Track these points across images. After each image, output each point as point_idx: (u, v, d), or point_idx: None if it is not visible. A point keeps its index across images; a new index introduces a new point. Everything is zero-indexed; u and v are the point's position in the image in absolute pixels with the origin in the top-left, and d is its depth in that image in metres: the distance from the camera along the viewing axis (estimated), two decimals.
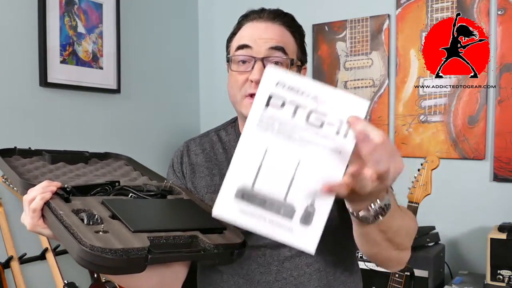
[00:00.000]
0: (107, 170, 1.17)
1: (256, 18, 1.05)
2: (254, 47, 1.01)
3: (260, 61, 1.00)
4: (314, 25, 2.71)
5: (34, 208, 0.88)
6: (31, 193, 0.89)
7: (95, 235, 0.77)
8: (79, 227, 0.79)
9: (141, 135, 2.73)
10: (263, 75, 0.74)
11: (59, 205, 0.86)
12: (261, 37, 1.01)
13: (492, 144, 2.26)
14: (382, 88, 2.53)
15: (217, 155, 1.15)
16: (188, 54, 3.08)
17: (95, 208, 0.88)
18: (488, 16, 2.25)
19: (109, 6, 2.50)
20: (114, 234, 0.79)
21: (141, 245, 0.76)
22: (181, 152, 1.19)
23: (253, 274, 1.05)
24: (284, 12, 1.08)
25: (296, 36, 1.07)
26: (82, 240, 0.75)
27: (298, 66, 1.07)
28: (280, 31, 1.04)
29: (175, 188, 1.08)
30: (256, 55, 1.01)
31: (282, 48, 1.01)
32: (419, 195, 1.84)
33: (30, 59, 2.17)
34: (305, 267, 1.04)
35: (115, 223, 0.83)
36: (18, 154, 1.14)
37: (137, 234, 0.80)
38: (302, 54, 1.08)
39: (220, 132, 1.19)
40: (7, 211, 1.97)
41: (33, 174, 1.04)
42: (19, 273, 1.92)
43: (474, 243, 2.30)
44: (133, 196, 0.98)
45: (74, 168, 1.13)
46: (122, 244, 0.75)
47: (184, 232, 0.86)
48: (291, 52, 1.04)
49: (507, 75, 2.22)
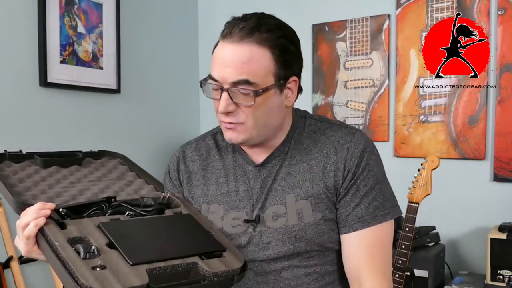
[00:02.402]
0: (101, 173, 1.14)
1: (226, 37, 0.97)
2: (219, 80, 0.97)
3: (226, 92, 0.96)
4: (314, 25, 2.71)
5: (28, 235, 0.86)
6: (24, 218, 0.87)
7: (92, 273, 0.75)
8: (75, 263, 0.77)
9: (141, 135, 2.73)
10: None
11: (54, 234, 0.84)
12: (226, 66, 0.95)
13: (492, 144, 2.26)
14: (382, 88, 2.53)
15: (213, 162, 1.13)
16: (188, 54, 3.08)
17: (92, 234, 0.86)
18: (488, 16, 2.25)
19: (109, 6, 2.50)
20: (112, 269, 0.77)
21: (140, 283, 0.75)
22: (178, 158, 1.17)
23: (250, 284, 1.03)
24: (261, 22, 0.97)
25: (274, 52, 0.96)
26: (79, 280, 0.73)
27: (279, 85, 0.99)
28: (248, 54, 0.95)
29: (173, 199, 1.06)
30: (222, 85, 0.97)
31: (246, 80, 0.94)
32: (419, 195, 1.84)
33: (30, 59, 2.17)
34: (303, 277, 1.03)
35: (113, 255, 0.81)
36: (8, 159, 1.11)
37: (136, 267, 0.78)
38: (284, 69, 0.99)
39: (216, 135, 1.17)
40: (7, 211, 1.97)
41: (25, 185, 1.01)
42: (19, 273, 1.92)
43: (474, 243, 2.30)
44: (130, 214, 0.96)
45: (67, 173, 1.10)
46: (120, 284, 0.74)
47: (183, 259, 0.84)
48: (261, 76, 0.95)
49: (507, 75, 2.22)
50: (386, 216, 1.03)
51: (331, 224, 1.03)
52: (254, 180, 1.07)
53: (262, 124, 1.00)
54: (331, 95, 2.68)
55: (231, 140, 1.02)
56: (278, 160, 1.07)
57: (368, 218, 1.01)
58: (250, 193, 1.06)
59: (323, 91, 2.71)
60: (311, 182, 1.03)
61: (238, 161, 1.10)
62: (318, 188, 1.02)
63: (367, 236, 1.02)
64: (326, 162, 1.03)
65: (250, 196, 1.06)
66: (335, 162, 1.03)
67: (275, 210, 1.03)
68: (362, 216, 1.02)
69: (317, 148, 1.05)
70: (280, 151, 1.07)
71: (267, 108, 0.99)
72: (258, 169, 1.07)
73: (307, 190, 1.02)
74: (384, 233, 1.04)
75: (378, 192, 1.03)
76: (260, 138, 1.03)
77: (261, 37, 0.95)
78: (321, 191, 1.02)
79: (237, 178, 1.08)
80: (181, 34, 3.03)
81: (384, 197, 1.04)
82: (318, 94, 2.72)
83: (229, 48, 0.96)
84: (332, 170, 1.03)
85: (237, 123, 0.99)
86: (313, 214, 1.02)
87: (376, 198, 1.03)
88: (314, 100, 2.72)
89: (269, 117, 1.01)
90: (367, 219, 1.01)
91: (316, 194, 1.02)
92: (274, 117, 1.02)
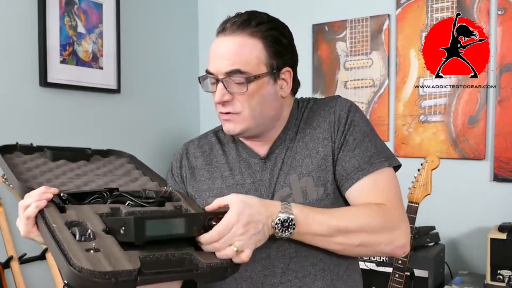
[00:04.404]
0: (108, 169, 1.16)
1: (220, 32, 1.04)
2: (214, 72, 1.03)
3: (221, 82, 1.02)
4: (314, 25, 2.71)
5: (28, 216, 0.88)
6: (26, 200, 0.89)
7: (85, 255, 0.76)
8: (70, 244, 0.78)
9: (141, 135, 2.73)
10: None
11: (53, 216, 0.85)
12: (220, 58, 1.02)
13: (492, 144, 2.26)
14: (382, 88, 2.53)
15: (216, 157, 1.15)
16: (188, 54, 3.08)
17: (90, 220, 0.87)
18: (488, 16, 2.25)
19: (109, 6, 2.50)
20: (105, 253, 0.78)
21: (132, 267, 0.75)
22: (180, 155, 1.19)
23: (257, 277, 1.04)
24: (252, 16, 1.03)
25: (265, 42, 1.02)
26: (71, 261, 0.74)
27: (272, 74, 1.03)
28: (240, 45, 1.00)
29: (174, 193, 1.07)
30: (217, 77, 1.02)
31: (238, 70, 1.00)
32: (419, 195, 1.84)
33: (30, 59, 2.17)
34: (310, 267, 1.04)
35: (108, 239, 0.82)
36: (19, 150, 1.14)
37: (129, 252, 0.79)
38: (277, 58, 1.04)
39: (218, 133, 1.19)
40: (7, 211, 1.97)
41: (33, 174, 1.03)
42: (19, 273, 1.92)
43: (474, 243, 2.30)
44: (130, 204, 0.96)
45: (75, 167, 1.12)
46: (111, 266, 0.74)
47: (178, 249, 0.85)
48: (253, 65, 1.01)
49: (507, 75, 2.22)
50: (383, 163, 1.04)
51: (333, 199, 1.05)
52: (261, 173, 1.09)
53: (258, 113, 1.04)
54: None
55: (230, 131, 1.06)
56: (281, 149, 1.09)
57: (366, 166, 1.03)
58: (257, 185, 1.08)
59: (323, 91, 2.71)
60: (310, 157, 1.06)
61: (242, 155, 1.12)
62: (317, 160, 1.05)
63: (370, 182, 1.02)
64: (319, 132, 1.07)
65: (257, 188, 1.08)
66: (326, 130, 1.07)
67: (281, 194, 1.05)
68: (359, 165, 1.03)
69: (307, 125, 1.10)
70: (282, 139, 1.10)
71: (261, 97, 1.03)
72: (263, 161, 1.10)
73: (308, 166, 1.05)
74: (386, 177, 1.04)
75: (369, 144, 1.05)
76: (258, 129, 1.06)
77: (252, 29, 1.02)
78: (320, 163, 1.05)
79: (242, 171, 1.10)
80: (181, 34, 3.03)
81: (377, 148, 1.06)
82: (318, 94, 2.72)
83: (222, 42, 1.03)
84: (325, 138, 1.06)
85: (234, 113, 1.03)
86: (316, 189, 1.04)
87: (369, 149, 1.05)
88: None
89: (264, 107, 1.04)
90: (365, 167, 1.03)
91: (316, 168, 1.05)
92: (270, 107, 1.06)
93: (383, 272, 2.04)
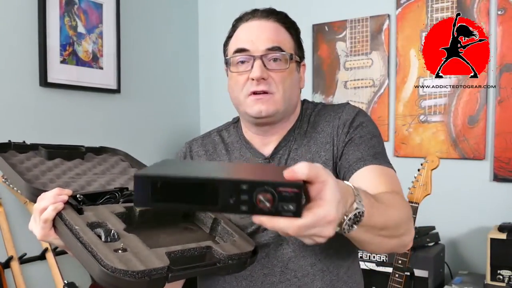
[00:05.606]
0: (105, 168, 1.16)
1: (250, 18, 1.06)
2: (251, 49, 1.02)
3: (259, 59, 1.01)
4: (314, 25, 2.71)
5: (46, 219, 0.86)
6: (42, 202, 0.87)
7: (116, 255, 0.77)
8: (97, 245, 0.78)
9: (141, 135, 2.73)
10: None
11: (73, 218, 0.85)
12: (257, 37, 1.03)
13: (492, 144, 2.26)
14: (382, 88, 2.53)
15: (220, 157, 1.15)
16: (188, 54, 3.08)
17: (109, 220, 0.88)
18: (488, 16, 2.25)
19: (109, 6, 2.50)
20: (133, 252, 0.79)
21: (162, 265, 0.77)
22: (184, 153, 1.19)
23: (257, 276, 1.05)
24: (277, 10, 1.08)
25: (292, 32, 1.07)
26: (103, 261, 0.75)
27: (297, 62, 1.08)
28: (275, 28, 1.05)
29: None
30: (254, 54, 1.02)
31: (279, 47, 1.03)
32: (419, 195, 1.84)
33: (30, 59, 2.17)
34: (308, 268, 1.04)
35: (132, 238, 0.83)
36: (13, 149, 1.12)
37: (155, 250, 0.80)
38: (299, 50, 1.09)
39: (222, 132, 1.19)
40: (7, 211, 1.97)
41: (34, 174, 1.03)
42: (19, 273, 1.92)
43: (474, 243, 2.30)
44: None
45: (72, 165, 1.12)
46: (143, 265, 0.75)
47: (198, 243, 0.87)
48: (288, 48, 1.05)
49: (507, 75, 2.22)
50: (387, 164, 1.01)
51: None
52: None
53: (288, 97, 1.05)
54: (331, 95, 2.68)
55: (261, 111, 1.03)
56: (285, 150, 1.10)
57: (369, 158, 1.00)
58: None
59: (323, 91, 2.71)
60: (312, 161, 1.04)
61: (246, 155, 1.12)
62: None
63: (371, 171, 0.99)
64: (322, 136, 1.07)
65: None
66: (329, 134, 1.06)
67: None
68: (362, 156, 1.00)
69: (313, 129, 1.10)
70: (286, 140, 1.10)
71: (292, 81, 1.06)
72: (267, 161, 1.10)
73: None
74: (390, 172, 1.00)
75: (376, 143, 1.03)
76: (282, 115, 1.07)
77: (281, 19, 1.07)
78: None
79: None
80: (181, 34, 3.03)
81: (383, 151, 1.04)
82: (318, 94, 2.72)
83: (256, 23, 1.05)
84: (327, 142, 1.06)
85: (270, 93, 1.03)
86: None
87: (375, 146, 1.02)
88: (314, 100, 2.72)
89: (292, 92, 1.06)
90: (368, 158, 1.00)
91: None
92: (295, 93, 1.08)
93: (383, 272, 2.03)
